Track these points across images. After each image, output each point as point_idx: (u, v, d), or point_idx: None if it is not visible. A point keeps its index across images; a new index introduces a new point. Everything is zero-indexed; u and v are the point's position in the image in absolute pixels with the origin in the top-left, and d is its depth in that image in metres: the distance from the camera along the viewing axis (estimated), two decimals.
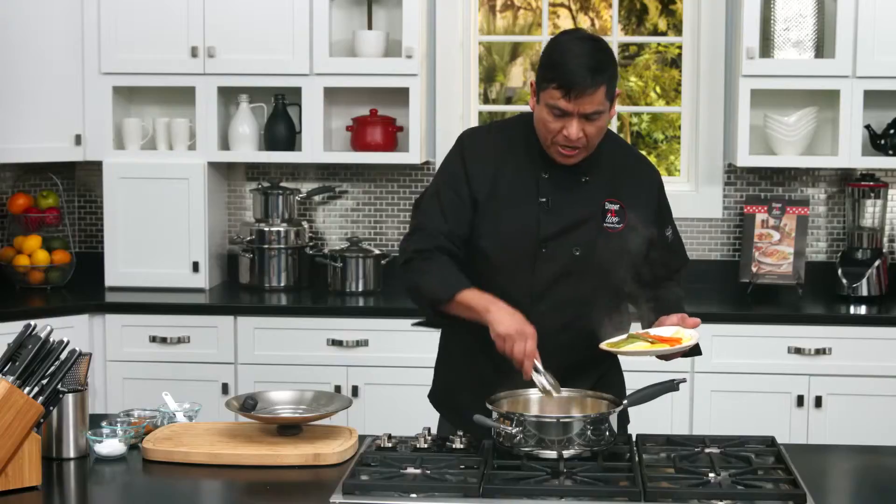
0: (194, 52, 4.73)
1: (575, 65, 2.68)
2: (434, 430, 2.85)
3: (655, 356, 2.74)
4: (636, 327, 2.87)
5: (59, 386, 2.53)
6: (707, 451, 2.66)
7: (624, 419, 2.89)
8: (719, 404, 4.39)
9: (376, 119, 4.88)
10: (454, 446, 2.67)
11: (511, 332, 2.65)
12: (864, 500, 2.62)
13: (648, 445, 2.73)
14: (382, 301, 4.70)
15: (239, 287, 4.93)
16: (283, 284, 4.88)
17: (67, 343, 2.57)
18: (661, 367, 3.19)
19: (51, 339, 2.56)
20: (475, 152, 2.88)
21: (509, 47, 6.49)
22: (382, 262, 4.87)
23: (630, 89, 6.33)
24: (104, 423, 2.82)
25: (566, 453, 2.56)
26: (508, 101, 6.31)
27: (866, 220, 4.78)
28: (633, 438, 2.76)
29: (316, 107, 4.77)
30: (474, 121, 5.10)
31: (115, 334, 4.57)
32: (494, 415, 2.63)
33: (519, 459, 2.57)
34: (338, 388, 4.44)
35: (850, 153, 4.59)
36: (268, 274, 4.87)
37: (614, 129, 5.21)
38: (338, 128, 5.00)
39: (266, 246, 4.87)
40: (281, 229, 4.88)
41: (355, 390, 4.47)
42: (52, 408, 2.56)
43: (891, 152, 4.70)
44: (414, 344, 4.33)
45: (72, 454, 2.68)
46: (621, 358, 2.96)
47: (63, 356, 2.55)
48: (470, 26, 5.06)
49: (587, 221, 2.85)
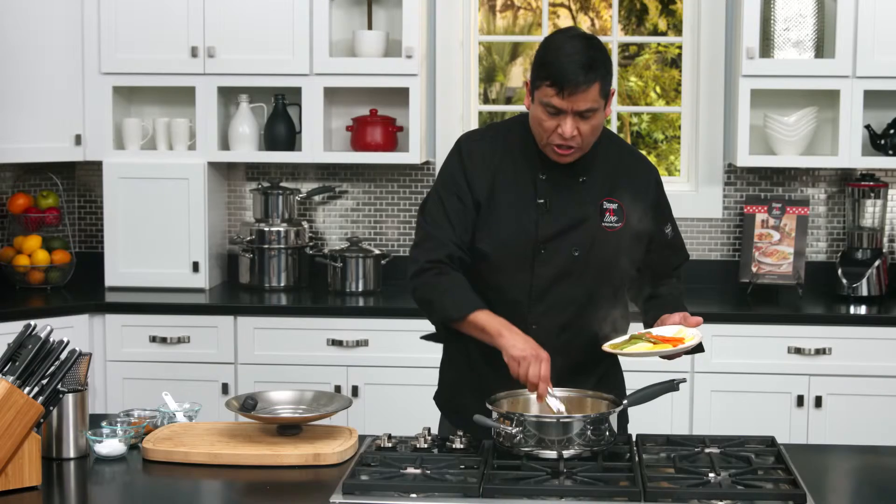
0: (194, 52, 4.73)
1: (567, 62, 2.69)
2: (434, 430, 2.85)
3: (659, 356, 2.74)
4: (637, 327, 2.87)
5: (59, 386, 2.53)
6: (707, 451, 2.66)
7: (624, 419, 2.89)
8: (719, 404, 4.39)
9: (376, 119, 4.88)
10: (454, 446, 2.67)
11: (526, 355, 2.66)
12: (864, 500, 2.62)
13: (648, 445, 2.73)
14: (382, 301, 4.70)
15: (239, 287, 4.93)
16: (283, 284, 4.88)
17: (67, 343, 2.57)
18: (661, 367, 3.20)
19: (51, 339, 2.56)
20: (474, 157, 2.88)
21: (509, 47, 6.48)
22: (382, 262, 4.86)
23: (630, 89, 6.33)
24: (104, 423, 2.83)
25: (566, 453, 2.56)
26: (508, 101, 6.31)
27: (866, 220, 4.78)
28: (633, 438, 2.76)
29: (316, 107, 4.77)
30: (474, 120, 5.10)
31: (115, 334, 4.57)
32: (494, 415, 2.63)
33: (519, 459, 2.58)
34: (338, 388, 4.44)
35: (850, 153, 4.59)
36: (268, 274, 4.87)
37: (614, 129, 5.21)
38: (338, 128, 5.00)
39: (266, 246, 4.87)
40: (281, 229, 4.88)
41: (355, 390, 4.47)
42: (52, 408, 2.56)
43: (891, 152, 4.70)
44: (414, 344, 4.28)
45: (72, 454, 2.68)
46: (622, 358, 2.96)
47: (63, 356, 2.55)
48: (470, 26, 5.06)
49: (585, 221, 2.85)
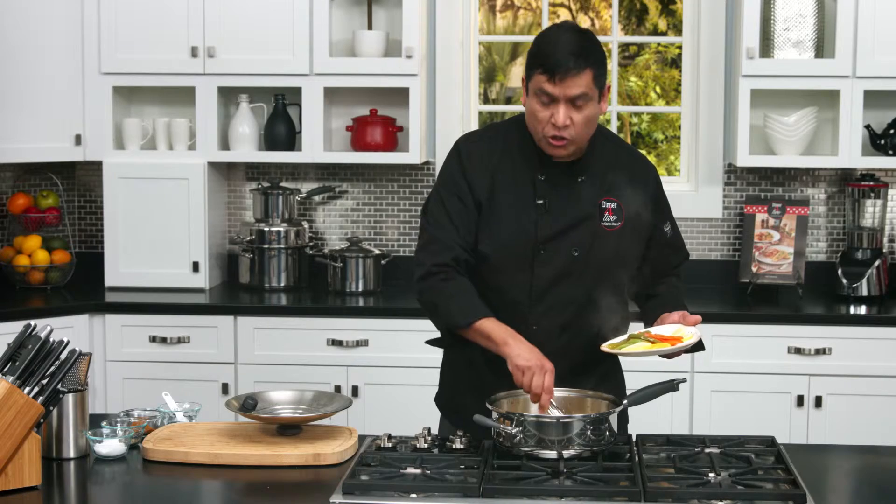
0: (194, 52, 4.73)
1: (559, 49, 2.72)
2: (434, 430, 2.85)
3: (658, 355, 2.74)
4: (637, 326, 2.87)
5: (59, 386, 2.53)
6: (707, 451, 2.67)
7: (624, 419, 2.89)
8: (719, 404, 4.39)
9: (376, 119, 4.88)
10: (454, 446, 2.67)
11: (531, 365, 2.66)
12: (864, 500, 2.62)
13: (648, 445, 2.73)
14: (382, 301, 4.69)
15: (239, 287, 4.93)
16: (283, 284, 4.88)
17: (67, 343, 2.57)
18: (661, 367, 3.20)
19: (51, 339, 2.56)
20: (472, 158, 2.89)
21: (509, 47, 6.48)
22: (382, 262, 4.86)
23: (630, 89, 6.33)
24: (104, 423, 2.82)
25: (566, 453, 2.56)
26: (508, 101, 6.31)
27: (866, 220, 4.78)
28: (633, 438, 2.76)
29: (316, 107, 4.77)
30: (474, 120, 5.10)
31: (115, 334, 4.57)
32: (494, 415, 2.63)
33: (519, 459, 2.58)
34: (338, 388, 4.44)
35: (850, 153, 4.59)
36: (268, 274, 4.87)
37: (614, 129, 5.21)
38: (338, 128, 5.00)
39: (266, 246, 4.87)
40: (281, 229, 4.88)
41: (355, 390, 4.46)
42: (52, 408, 2.56)
43: (891, 152, 4.70)
44: (414, 344, 4.29)
45: (72, 454, 2.68)
46: (622, 358, 2.96)
47: (63, 356, 2.55)
48: (470, 26, 5.06)
49: (584, 221, 2.85)
